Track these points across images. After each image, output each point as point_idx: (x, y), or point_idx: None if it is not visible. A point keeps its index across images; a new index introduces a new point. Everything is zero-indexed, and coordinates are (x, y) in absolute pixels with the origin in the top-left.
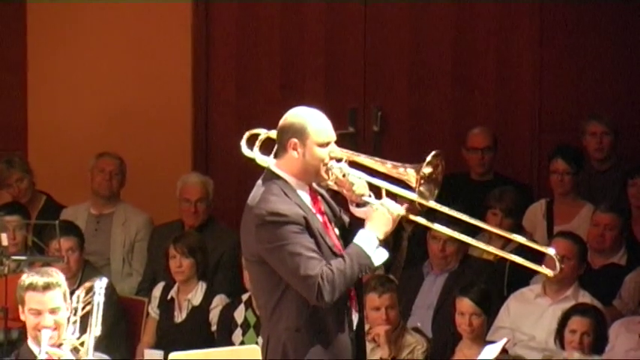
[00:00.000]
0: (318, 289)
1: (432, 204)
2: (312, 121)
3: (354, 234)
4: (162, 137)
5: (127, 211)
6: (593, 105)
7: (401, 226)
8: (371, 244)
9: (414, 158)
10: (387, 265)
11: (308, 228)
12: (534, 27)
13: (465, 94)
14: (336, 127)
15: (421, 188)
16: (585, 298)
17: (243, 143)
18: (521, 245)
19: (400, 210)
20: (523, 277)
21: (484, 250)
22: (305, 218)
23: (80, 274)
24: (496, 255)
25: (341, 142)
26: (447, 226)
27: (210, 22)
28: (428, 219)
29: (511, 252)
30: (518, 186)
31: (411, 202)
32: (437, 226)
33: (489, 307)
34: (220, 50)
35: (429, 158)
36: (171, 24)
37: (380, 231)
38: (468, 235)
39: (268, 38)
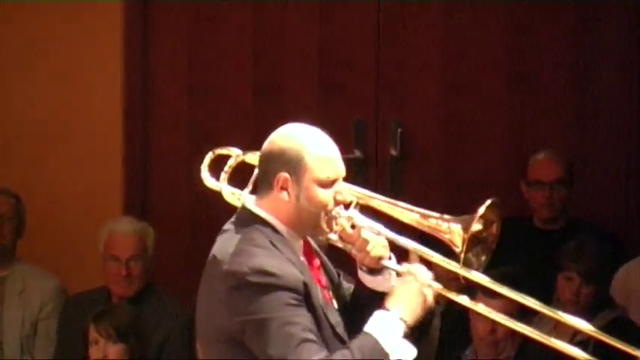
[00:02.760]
0: None
1: (479, 277)
2: (313, 147)
3: (366, 312)
4: (79, 166)
5: (26, 275)
6: None
7: None
8: (392, 333)
9: (450, 198)
10: None
11: (307, 298)
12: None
13: (525, 103)
14: None
15: (469, 254)
16: None
17: (204, 168)
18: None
19: (436, 285)
20: None
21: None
22: (305, 284)
23: None
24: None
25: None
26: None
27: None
28: (469, 294)
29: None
30: (603, 237)
31: (449, 272)
32: (481, 308)
33: None
34: (165, 43)
35: (482, 210)
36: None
37: (409, 313)
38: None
39: (237, 24)
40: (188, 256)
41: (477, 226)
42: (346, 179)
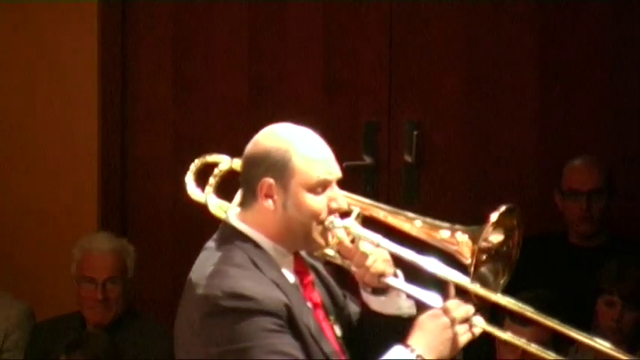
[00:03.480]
0: None
1: (497, 298)
2: (300, 147)
3: (370, 338)
4: (49, 176)
5: None
6: None
7: None
8: None
9: (472, 210)
10: None
11: (292, 323)
12: None
13: (559, 103)
14: (340, 157)
15: (481, 269)
16: None
17: (189, 178)
18: None
19: (480, 322)
20: None
21: None
22: (287, 307)
23: None
24: None
25: (350, 182)
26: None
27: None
28: (495, 322)
29: None
30: None
31: (464, 291)
32: (509, 335)
33: None
34: (147, 40)
35: (495, 216)
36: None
37: (430, 353)
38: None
39: (230, 15)
40: (173, 277)
41: (492, 237)
42: (355, 189)
